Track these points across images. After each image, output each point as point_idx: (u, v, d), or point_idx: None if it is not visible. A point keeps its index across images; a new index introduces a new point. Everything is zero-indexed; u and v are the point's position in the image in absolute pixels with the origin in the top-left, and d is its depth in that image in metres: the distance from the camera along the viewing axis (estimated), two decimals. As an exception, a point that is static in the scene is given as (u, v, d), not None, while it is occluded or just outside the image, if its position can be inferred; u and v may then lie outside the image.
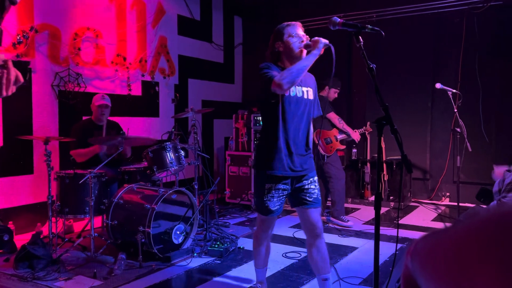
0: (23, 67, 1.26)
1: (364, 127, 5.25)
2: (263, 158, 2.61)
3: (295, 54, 2.58)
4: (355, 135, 5.05)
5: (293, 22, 2.68)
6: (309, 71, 2.59)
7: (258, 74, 2.60)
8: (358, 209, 6.03)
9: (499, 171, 3.28)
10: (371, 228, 4.81)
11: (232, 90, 7.90)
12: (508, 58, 5.85)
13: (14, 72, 1.33)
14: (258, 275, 3.00)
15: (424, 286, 0.46)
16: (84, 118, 4.90)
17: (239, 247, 4.16)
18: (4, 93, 1.32)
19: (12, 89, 1.35)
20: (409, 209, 5.93)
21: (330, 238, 4.54)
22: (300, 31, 2.66)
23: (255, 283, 3.10)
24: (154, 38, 6.18)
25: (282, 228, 5.00)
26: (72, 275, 3.42)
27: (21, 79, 1.36)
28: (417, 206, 6.15)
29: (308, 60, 2.47)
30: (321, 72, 3.01)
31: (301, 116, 2.60)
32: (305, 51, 2.57)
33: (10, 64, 1.29)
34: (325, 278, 2.68)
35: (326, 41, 2.50)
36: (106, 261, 3.71)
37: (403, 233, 4.71)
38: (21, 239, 4.20)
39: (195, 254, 3.90)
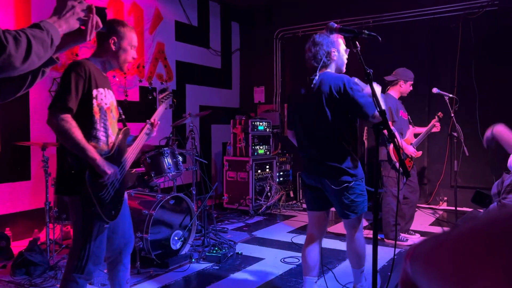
0: (101, 13, 1.30)
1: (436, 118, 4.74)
2: (357, 165, 2.71)
3: (343, 68, 2.79)
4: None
5: (340, 36, 2.70)
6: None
7: (350, 88, 2.54)
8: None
9: None
10: (369, 233, 4.80)
11: (229, 95, 7.92)
12: (504, 63, 5.89)
13: (95, 18, 1.35)
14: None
15: (424, 287, 0.46)
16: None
17: (237, 253, 4.15)
18: (88, 38, 1.35)
19: (93, 34, 1.37)
20: (407, 214, 5.93)
21: (329, 243, 4.53)
22: None
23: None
24: (151, 44, 6.19)
25: (281, 233, 4.99)
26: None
27: (100, 25, 1.39)
28: (415, 211, 6.15)
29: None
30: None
31: None
32: None
33: (94, 9, 1.34)
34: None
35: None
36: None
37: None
38: (18, 246, 4.18)
39: (193, 260, 3.88)
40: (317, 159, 2.69)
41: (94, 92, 2.25)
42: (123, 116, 2.54)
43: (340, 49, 2.72)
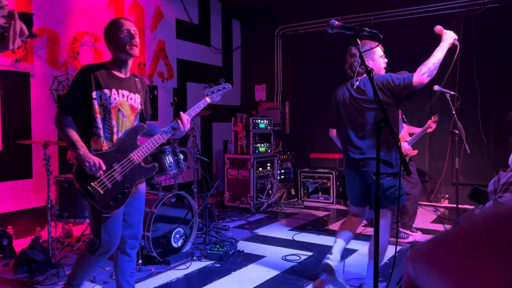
0: (27, 19, 1.24)
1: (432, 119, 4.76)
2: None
3: (381, 71, 3.05)
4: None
5: (373, 43, 2.98)
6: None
7: (386, 82, 2.87)
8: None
9: None
10: (370, 231, 4.80)
11: (230, 93, 7.90)
12: (505, 60, 5.87)
13: (19, 25, 1.31)
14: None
15: (426, 287, 0.46)
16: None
17: (239, 250, 4.16)
18: (11, 46, 1.29)
19: (18, 41, 1.34)
20: (408, 211, 5.93)
21: (330, 241, 4.53)
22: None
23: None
24: (152, 42, 6.19)
25: (282, 231, 5.00)
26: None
27: (26, 32, 1.34)
28: (418, 206, 6.15)
29: (443, 52, 2.94)
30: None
31: None
32: None
33: (16, 15, 1.26)
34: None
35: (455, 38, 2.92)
36: (106, 266, 3.71)
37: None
38: (20, 244, 4.19)
39: (195, 258, 3.89)
40: (364, 155, 2.95)
41: (95, 94, 2.47)
42: (143, 113, 2.70)
43: (374, 57, 3.02)
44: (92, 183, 2.40)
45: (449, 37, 2.88)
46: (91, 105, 2.46)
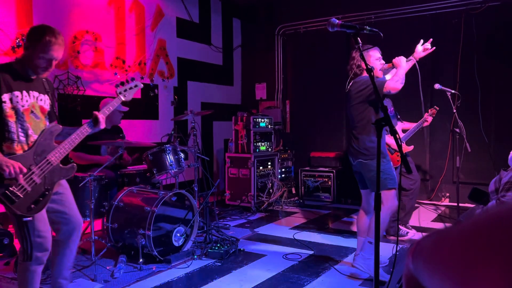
0: None
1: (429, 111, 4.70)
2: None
3: (377, 73, 3.36)
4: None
5: (375, 49, 3.41)
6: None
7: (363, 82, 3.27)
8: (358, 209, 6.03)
9: None
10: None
11: (231, 92, 7.91)
12: (506, 59, 5.86)
13: None
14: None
15: (427, 282, 0.46)
16: (84, 121, 4.88)
17: (240, 249, 4.16)
18: None
19: None
20: (409, 210, 5.92)
21: (331, 239, 4.54)
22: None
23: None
24: (153, 41, 6.18)
25: (283, 230, 5.00)
26: (72, 278, 3.41)
27: None
28: (417, 207, 6.15)
29: (403, 71, 3.24)
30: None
31: None
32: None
33: None
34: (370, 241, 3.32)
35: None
36: (107, 264, 3.71)
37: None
38: (21, 243, 4.19)
39: (195, 257, 3.89)
40: (352, 143, 3.36)
41: (5, 97, 2.38)
42: (56, 114, 2.70)
43: (371, 60, 3.32)
44: (10, 188, 2.33)
45: (398, 61, 3.24)
46: (0, 109, 2.37)
